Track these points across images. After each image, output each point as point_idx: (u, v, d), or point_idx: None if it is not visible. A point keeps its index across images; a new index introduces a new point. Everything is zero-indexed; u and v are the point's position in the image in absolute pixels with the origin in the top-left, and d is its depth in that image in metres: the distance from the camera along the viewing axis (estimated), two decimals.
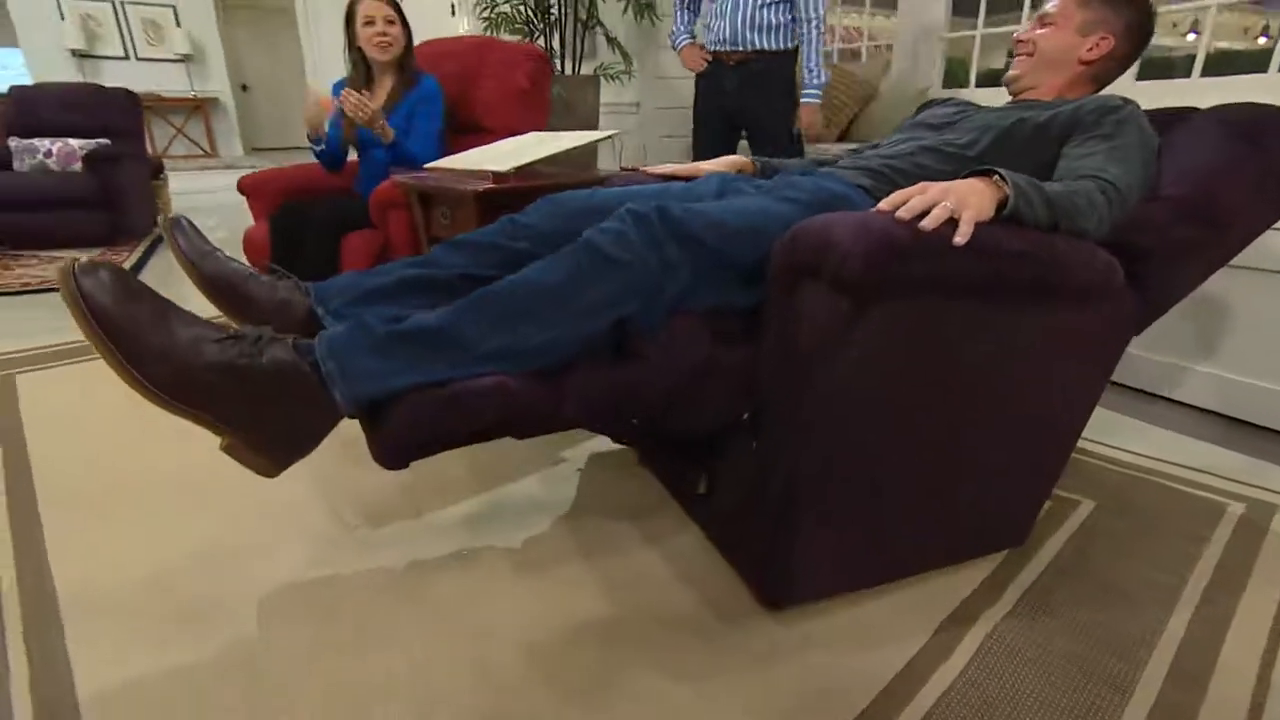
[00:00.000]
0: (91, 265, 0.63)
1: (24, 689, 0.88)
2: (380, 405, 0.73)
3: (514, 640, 0.97)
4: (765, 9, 2.31)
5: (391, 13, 1.97)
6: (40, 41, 7.22)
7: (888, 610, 1.03)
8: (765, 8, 2.31)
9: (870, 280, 0.73)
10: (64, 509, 1.28)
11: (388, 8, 1.97)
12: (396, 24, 1.99)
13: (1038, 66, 1.20)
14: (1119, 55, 1.16)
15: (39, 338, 2.29)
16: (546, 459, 1.49)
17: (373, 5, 1.95)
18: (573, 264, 0.80)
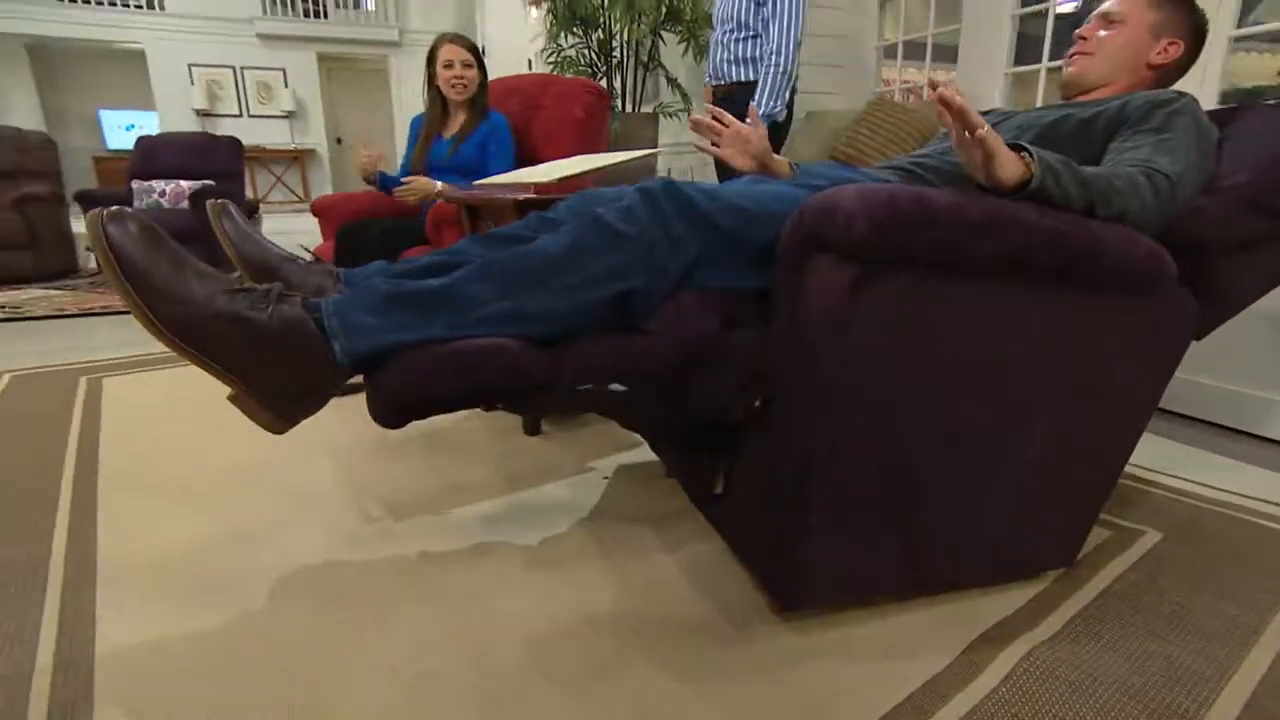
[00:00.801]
0: (120, 214, 0.69)
1: (50, 642, 0.92)
2: (380, 362, 0.75)
3: (515, 629, 0.95)
4: (738, 44, 2.43)
5: (469, 57, 2.17)
6: (172, 103, 8.10)
7: (914, 625, 0.95)
8: (738, 43, 2.42)
9: (875, 244, 0.70)
10: (120, 491, 1.36)
11: (465, 52, 2.16)
12: (473, 67, 2.17)
13: (1100, 66, 1.13)
14: (1183, 64, 1.10)
15: (132, 348, 2.54)
16: (575, 467, 1.48)
17: (451, 49, 2.15)
18: (578, 235, 0.80)
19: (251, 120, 8.35)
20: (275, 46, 8.34)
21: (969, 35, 2.99)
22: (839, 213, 0.71)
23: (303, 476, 1.43)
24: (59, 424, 1.73)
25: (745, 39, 2.38)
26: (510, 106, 2.26)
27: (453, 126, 2.23)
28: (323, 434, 1.65)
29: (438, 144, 2.23)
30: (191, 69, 8.14)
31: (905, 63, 3.85)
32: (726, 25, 2.38)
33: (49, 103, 8.85)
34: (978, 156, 0.76)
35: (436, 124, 2.25)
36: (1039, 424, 0.89)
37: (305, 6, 8.47)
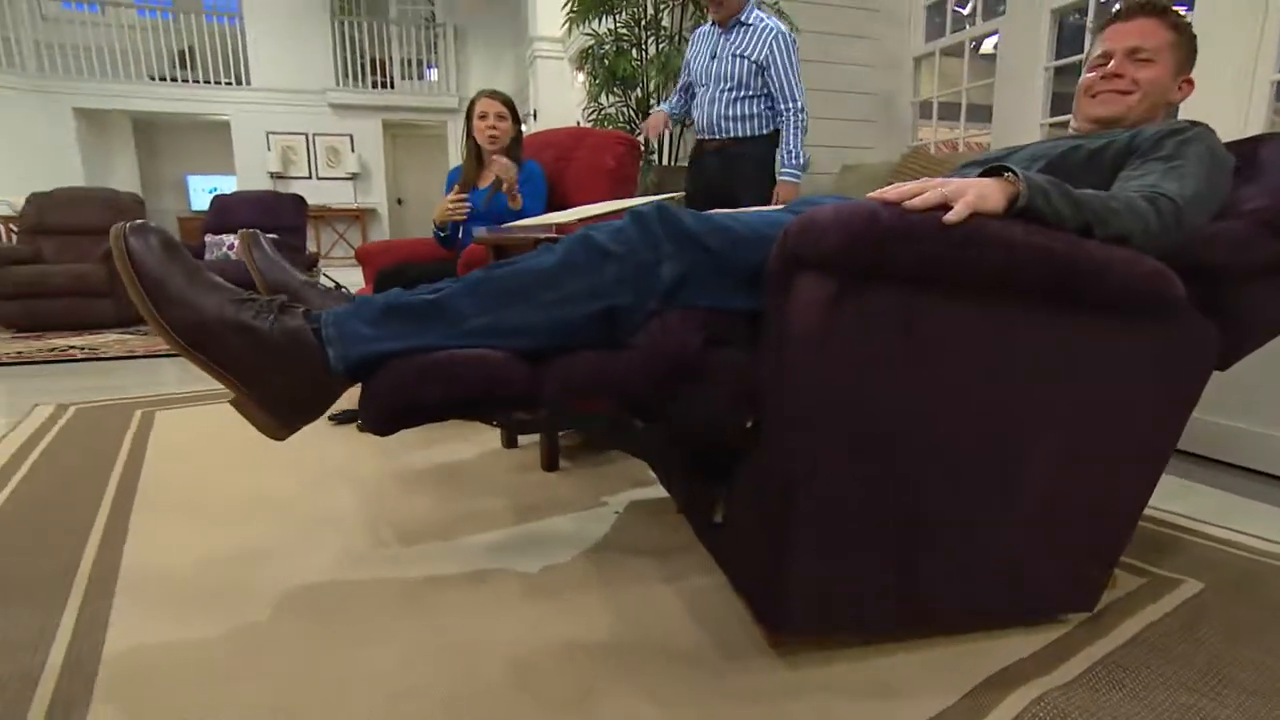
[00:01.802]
0: (142, 227, 0.75)
1: (63, 645, 0.96)
2: (371, 369, 0.78)
3: (504, 651, 0.94)
4: (737, 103, 2.48)
5: (503, 110, 2.29)
6: (250, 167, 8.74)
7: (915, 665, 0.90)
8: (737, 101, 2.47)
9: (850, 257, 0.70)
10: (152, 512, 1.43)
11: (500, 105, 2.28)
12: (506, 120, 2.29)
13: (1140, 104, 1.11)
14: (1182, 102, 1.10)
15: (188, 385, 2.71)
16: (587, 501, 1.48)
17: (487, 103, 2.28)
18: (568, 253, 0.83)
19: (319, 182, 8.92)
20: (345, 115, 8.96)
21: (1003, 89, 3.00)
22: (818, 226, 0.72)
23: (323, 503, 1.47)
24: (109, 451, 1.84)
25: (745, 98, 2.45)
26: (545, 157, 2.36)
27: (488, 177, 2.32)
28: (346, 466, 1.70)
29: (474, 194, 2.34)
30: (269, 136, 8.80)
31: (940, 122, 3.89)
32: (724, 84, 2.46)
33: (146, 169, 9.67)
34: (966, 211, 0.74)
35: (473, 174, 2.36)
36: (1042, 452, 0.85)
37: (374, 78, 9.11)
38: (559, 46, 6.50)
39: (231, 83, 8.67)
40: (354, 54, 8.95)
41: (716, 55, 2.47)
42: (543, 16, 6.43)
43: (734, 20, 2.44)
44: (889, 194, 0.75)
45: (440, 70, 9.42)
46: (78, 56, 8.01)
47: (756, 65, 2.40)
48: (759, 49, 2.40)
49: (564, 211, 1.72)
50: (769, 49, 2.39)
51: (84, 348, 3.59)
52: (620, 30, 3.37)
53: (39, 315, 4.23)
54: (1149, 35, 1.10)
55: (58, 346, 3.63)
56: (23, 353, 3.44)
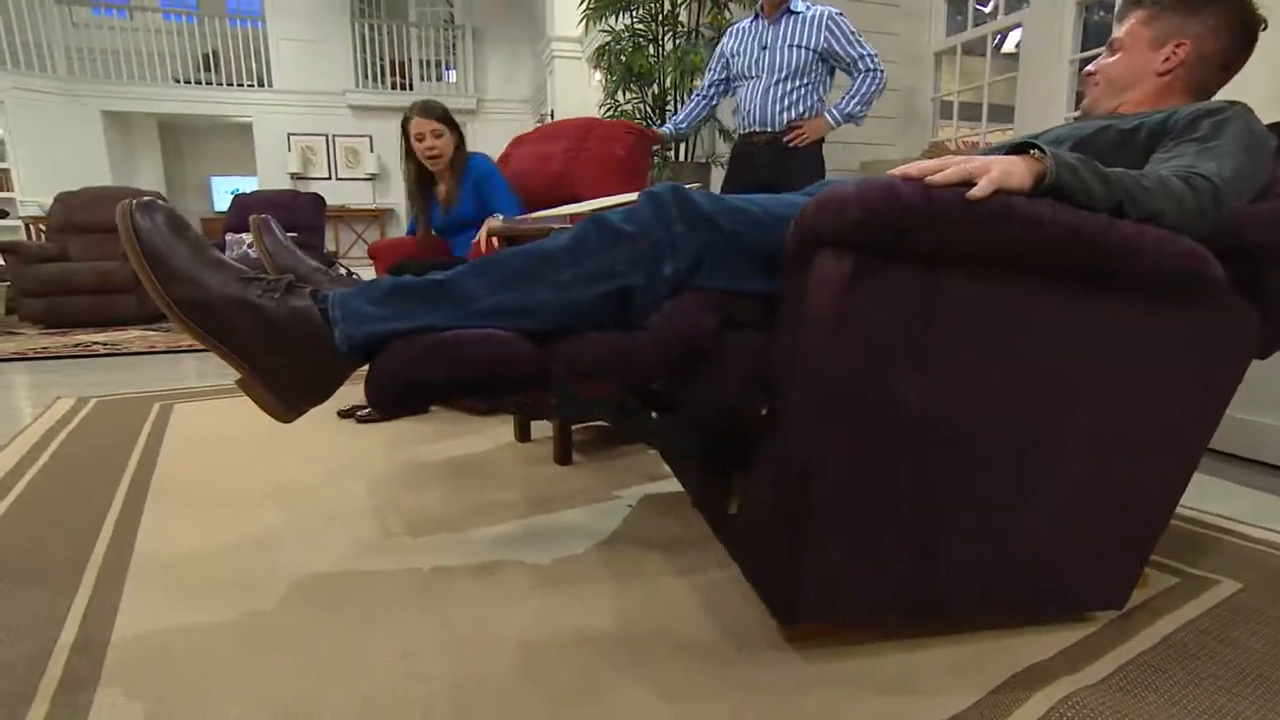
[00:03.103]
0: (149, 204, 0.74)
1: (74, 627, 0.96)
2: (376, 349, 0.76)
3: (513, 642, 0.92)
4: (794, 92, 2.41)
5: (438, 126, 2.19)
6: (271, 168, 8.85)
7: (936, 660, 0.87)
8: (794, 91, 2.40)
9: (870, 232, 0.68)
10: (166, 501, 1.43)
11: (434, 122, 2.19)
12: (443, 135, 2.20)
13: (1107, 92, 1.16)
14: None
15: (206, 380, 2.74)
16: (600, 494, 1.46)
17: (420, 123, 2.18)
18: (581, 233, 0.81)
19: (339, 182, 9.00)
20: (364, 116, 9.04)
21: (1026, 82, 2.94)
22: (836, 202, 0.69)
23: (335, 495, 1.46)
24: (127, 442, 1.85)
25: (801, 87, 2.39)
26: (554, 149, 2.34)
27: (443, 190, 2.27)
28: (359, 458, 1.70)
29: (434, 212, 2.30)
30: (290, 138, 8.90)
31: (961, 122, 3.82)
32: (778, 74, 2.39)
33: (171, 171, 9.83)
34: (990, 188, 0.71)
35: (425, 190, 2.31)
36: (1069, 440, 0.81)
37: (393, 80, 9.18)
38: (577, 46, 6.51)
39: (254, 85, 8.79)
40: (373, 56, 9.04)
41: (768, 46, 2.40)
42: (560, 16, 6.45)
43: (782, 10, 2.38)
44: (910, 170, 0.72)
45: (459, 71, 9.48)
46: (106, 61, 8.16)
47: (815, 54, 2.35)
48: (815, 37, 2.34)
49: (580, 203, 1.71)
50: (826, 32, 2.33)
51: (106, 343, 3.64)
52: (637, 26, 3.36)
53: (64, 312, 4.31)
54: (1125, 24, 1.14)
55: (82, 342, 3.69)
56: (48, 348, 3.49)
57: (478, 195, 2.22)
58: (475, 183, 2.23)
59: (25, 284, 4.27)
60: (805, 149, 2.40)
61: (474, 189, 2.23)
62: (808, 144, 2.39)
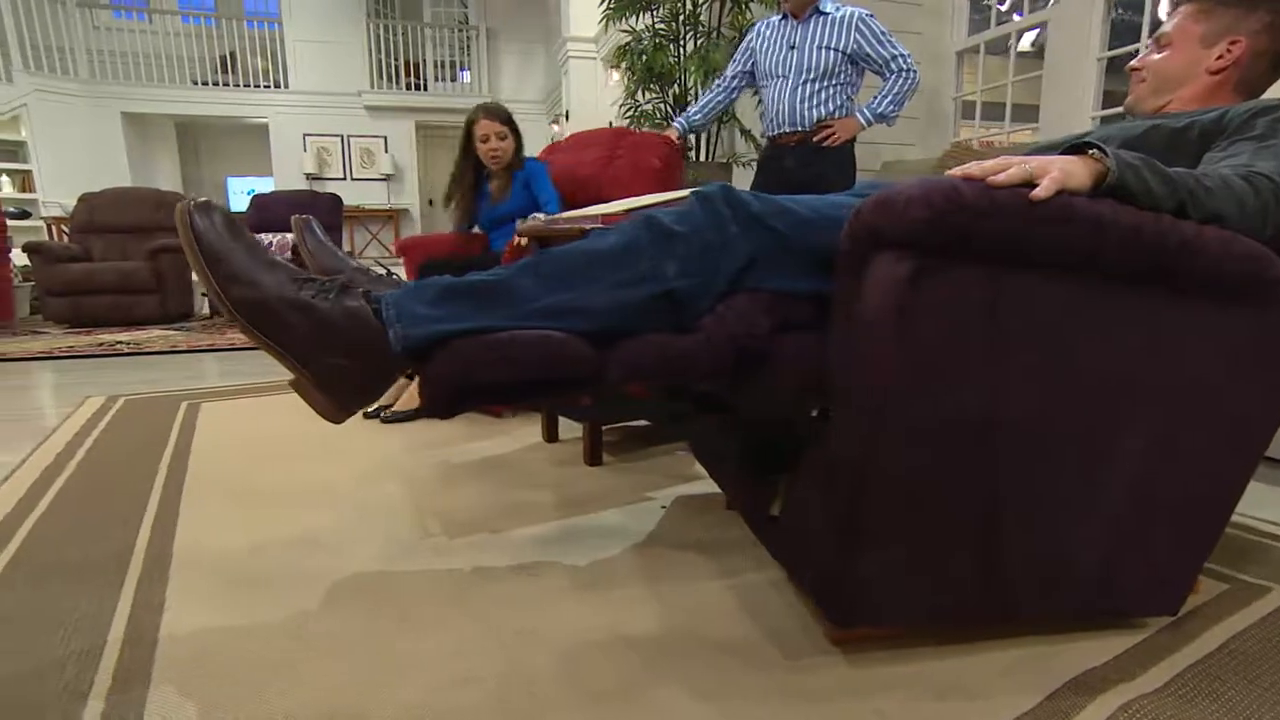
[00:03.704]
0: (206, 205, 0.75)
1: (122, 622, 0.97)
2: (431, 351, 0.76)
3: (554, 643, 0.92)
4: (822, 91, 2.38)
5: (503, 129, 2.29)
6: (287, 169, 8.91)
7: (988, 665, 0.86)
8: (821, 90, 2.38)
9: (934, 230, 0.67)
10: (201, 499, 1.44)
11: (499, 125, 2.29)
12: (507, 138, 2.30)
13: (1154, 90, 1.14)
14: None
15: (230, 379, 2.77)
16: (633, 495, 1.45)
17: (487, 124, 2.28)
18: (632, 233, 0.81)
19: (354, 183, 9.05)
20: (379, 116, 9.08)
21: (1051, 81, 2.92)
22: (898, 201, 0.69)
23: (370, 495, 1.47)
24: (158, 440, 1.87)
25: (830, 87, 2.37)
26: (588, 155, 2.37)
27: (494, 187, 2.36)
28: (390, 458, 1.70)
29: (482, 205, 2.37)
30: (306, 138, 8.96)
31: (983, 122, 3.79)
32: (806, 75, 2.37)
33: (188, 172, 9.93)
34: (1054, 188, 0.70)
35: (477, 187, 2.38)
36: (1129, 442, 0.80)
37: (408, 81, 9.22)
38: (592, 47, 6.51)
39: (270, 86, 8.85)
40: (388, 57, 9.08)
41: (796, 46, 2.39)
42: (576, 17, 6.45)
43: (811, 11, 2.37)
44: (970, 170, 0.71)
45: (472, 72, 9.51)
46: (126, 63, 8.25)
47: (844, 55, 2.33)
48: (844, 39, 2.32)
49: (611, 203, 1.71)
50: (856, 34, 2.32)
51: (130, 343, 3.68)
52: (658, 26, 3.35)
53: (86, 311, 4.36)
54: (1173, 19, 1.12)
55: (105, 341, 3.73)
56: (74, 347, 3.54)
57: (527, 192, 2.29)
58: (526, 180, 2.30)
59: (50, 284, 4.33)
60: (836, 149, 2.38)
61: (524, 186, 2.30)
62: (839, 144, 2.38)
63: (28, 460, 1.68)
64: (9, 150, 7.61)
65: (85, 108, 8.07)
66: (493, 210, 2.35)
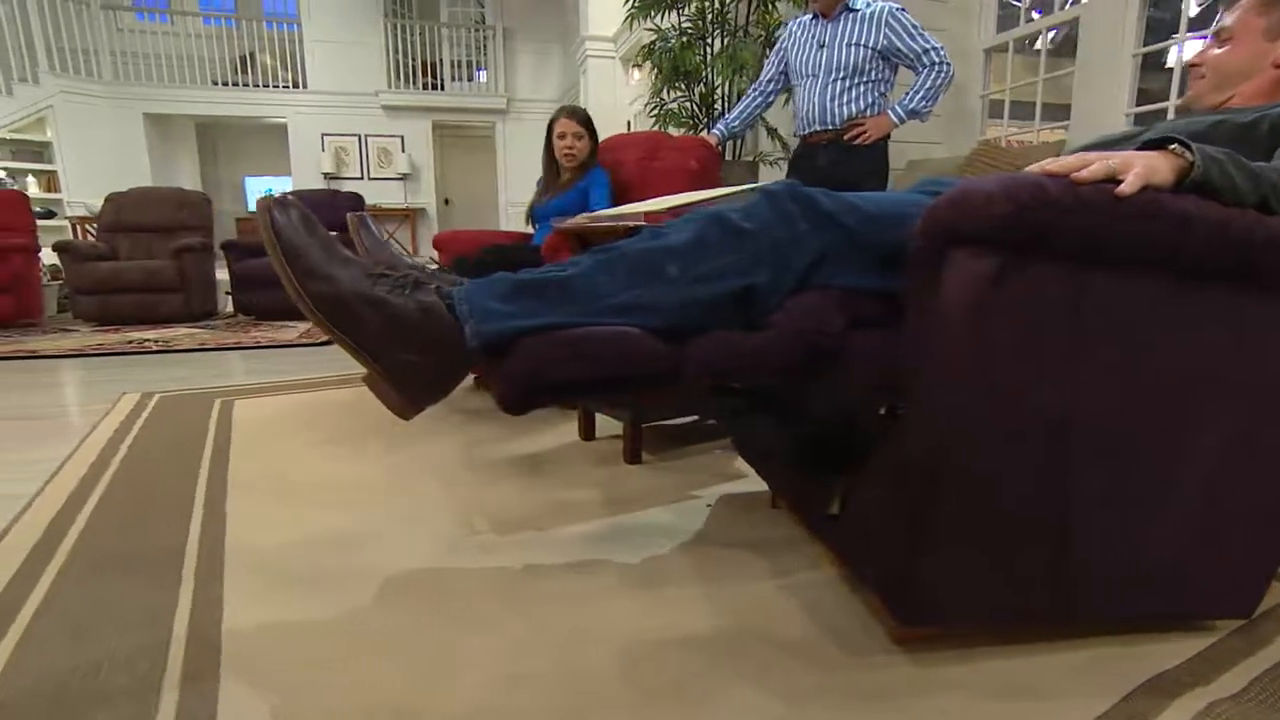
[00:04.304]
0: (284, 201, 0.75)
1: (184, 618, 0.97)
2: (505, 347, 0.76)
3: (608, 640, 0.92)
4: (853, 89, 2.37)
5: (580, 130, 2.39)
6: (304, 168, 8.98)
7: (1056, 666, 0.85)
8: (853, 88, 2.37)
9: (1017, 226, 0.66)
10: (246, 495, 1.45)
11: (577, 125, 2.39)
12: (583, 138, 2.39)
13: (1215, 85, 1.12)
14: None
15: (259, 377, 2.80)
16: (677, 494, 1.45)
17: (565, 123, 2.39)
18: (701, 230, 0.81)
19: (371, 182, 9.09)
20: (396, 116, 9.13)
21: (1083, 79, 2.88)
22: (979, 196, 0.68)
23: (411, 493, 1.47)
24: (197, 437, 1.88)
25: (861, 84, 2.35)
26: (629, 156, 2.41)
27: (559, 184, 2.45)
28: (433, 458, 1.71)
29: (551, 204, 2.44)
30: (324, 138, 9.02)
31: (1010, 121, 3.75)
32: (837, 74, 2.36)
33: (207, 172, 10.03)
34: (1140, 183, 0.69)
35: (553, 181, 2.47)
36: (1207, 442, 0.79)
37: (425, 80, 9.26)
38: (611, 46, 6.52)
39: (289, 86, 8.92)
40: (406, 56, 9.12)
41: (826, 44, 2.37)
42: (594, 16, 6.46)
43: (841, 8, 2.35)
44: (1051, 166, 0.70)
45: (489, 72, 9.54)
46: (149, 64, 8.34)
47: (875, 52, 2.31)
48: (874, 35, 2.30)
49: (652, 200, 1.71)
50: (886, 29, 2.30)
51: (158, 340, 3.72)
52: (685, 25, 3.34)
53: (114, 309, 4.40)
54: (1234, 13, 1.11)
55: (134, 339, 3.77)
56: (104, 345, 3.58)
57: (582, 195, 2.34)
58: (589, 184, 2.36)
59: (80, 282, 4.38)
60: (869, 148, 2.37)
61: (583, 190, 2.36)
62: (871, 142, 2.36)
63: (73, 456, 1.70)
64: (35, 151, 7.71)
65: (109, 109, 8.16)
66: (544, 205, 2.40)
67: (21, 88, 7.29)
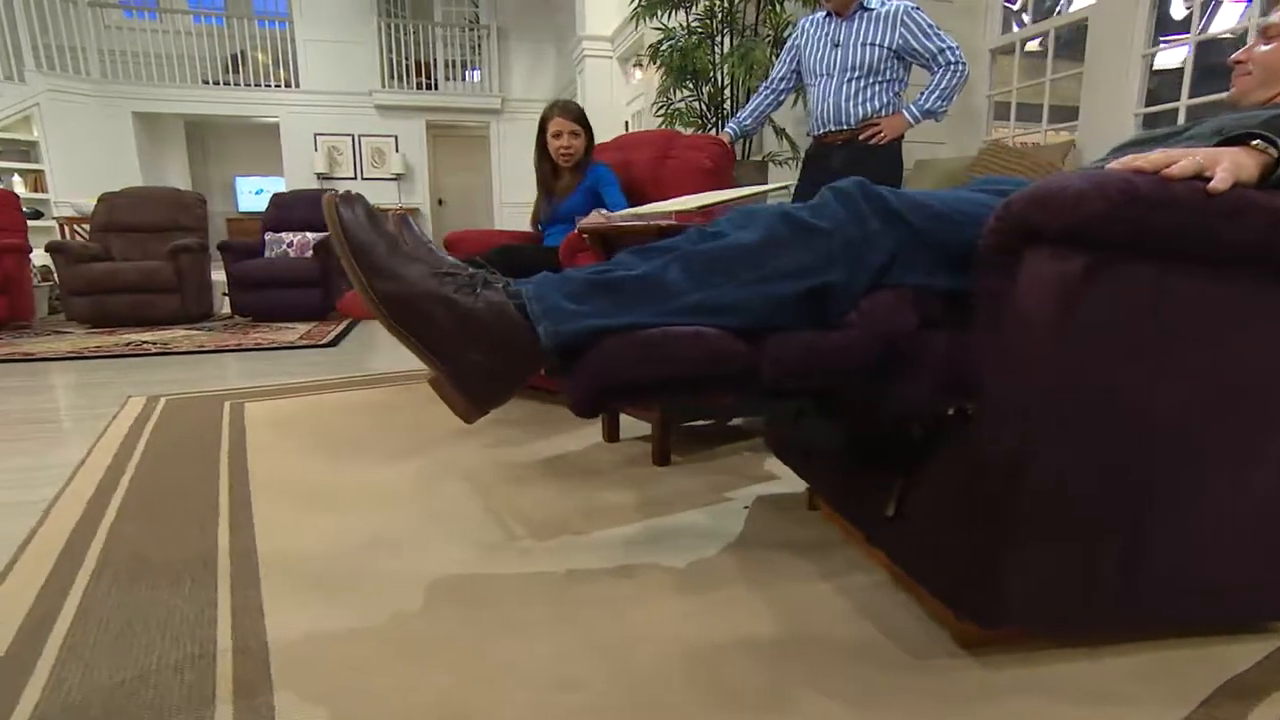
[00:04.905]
0: (350, 197, 0.73)
1: (227, 628, 0.94)
2: (579, 347, 0.74)
3: (663, 645, 0.90)
4: (868, 89, 2.36)
5: (576, 127, 2.30)
6: (297, 169, 8.89)
7: (1129, 670, 0.84)
8: (868, 88, 2.36)
9: (1110, 225, 0.65)
10: (270, 499, 1.42)
11: (572, 123, 2.29)
12: (579, 136, 2.30)
13: (1262, 81, 1.11)
14: None
15: (266, 379, 2.75)
16: (711, 496, 1.43)
17: (560, 122, 2.29)
18: (771, 229, 0.79)
19: (364, 182, 9.02)
20: (390, 116, 9.06)
21: (1092, 78, 2.90)
22: (1066, 194, 0.67)
23: (439, 495, 1.45)
24: (211, 440, 1.84)
25: (876, 83, 2.35)
26: (641, 155, 2.38)
27: (558, 187, 2.38)
28: (456, 460, 1.68)
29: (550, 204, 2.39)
30: (317, 138, 8.94)
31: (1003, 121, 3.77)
32: (851, 73, 2.35)
33: (197, 171, 9.91)
34: (1230, 179, 0.68)
35: (549, 184, 2.40)
36: None
37: (419, 80, 9.20)
38: (608, 45, 6.49)
39: (281, 85, 8.83)
40: (399, 56, 9.06)
41: (841, 44, 2.36)
42: (592, 16, 6.44)
43: (856, 7, 2.34)
44: (1138, 163, 0.69)
45: (483, 71, 9.49)
46: (138, 62, 8.22)
47: (890, 51, 2.30)
48: (890, 34, 2.29)
49: (676, 200, 1.69)
50: (901, 28, 2.29)
51: (156, 342, 3.66)
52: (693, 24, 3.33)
53: (109, 310, 4.32)
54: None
55: (132, 341, 3.70)
56: (101, 347, 3.51)
57: (592, 196, 2.28)
58: (593, 184, 2.29)
59: (73, 283, 4.30)
60: (884, 147, 2.36)
61: (590, 190, 2.29)
62: (886, 142, 2.36)
63: (86, 461, 1.66)
64: (21, 150, 7.58)
65: (97, 107, 8.05)
66: (554, 209, 2.34)
67: (7, 86, 7.18)
